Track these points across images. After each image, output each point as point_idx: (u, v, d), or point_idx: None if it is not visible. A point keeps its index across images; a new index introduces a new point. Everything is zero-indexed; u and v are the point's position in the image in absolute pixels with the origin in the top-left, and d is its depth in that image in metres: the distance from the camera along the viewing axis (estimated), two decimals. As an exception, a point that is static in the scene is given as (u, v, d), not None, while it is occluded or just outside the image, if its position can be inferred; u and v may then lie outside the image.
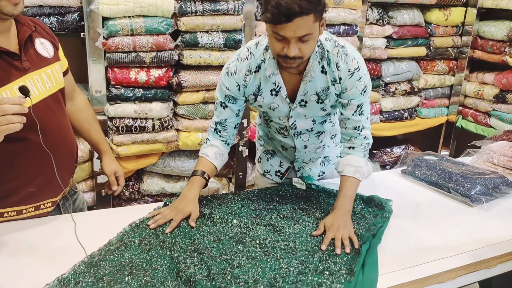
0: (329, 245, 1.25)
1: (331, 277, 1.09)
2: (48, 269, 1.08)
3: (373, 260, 1.19)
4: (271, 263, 1.14)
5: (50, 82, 1.32)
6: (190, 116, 2.56)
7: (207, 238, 1.25)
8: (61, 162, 1.35)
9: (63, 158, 1.37)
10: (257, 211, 1.44)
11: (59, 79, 1.37)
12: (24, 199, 1.32)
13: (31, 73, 1.26)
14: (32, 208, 1.34)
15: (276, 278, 1.08)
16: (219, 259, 1.15)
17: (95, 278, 1.04)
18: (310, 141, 1.59)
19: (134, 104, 2.41)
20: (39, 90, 1.28)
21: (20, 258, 1.14)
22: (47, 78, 1.31)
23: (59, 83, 1.37)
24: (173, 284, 1.04)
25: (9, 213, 1.31)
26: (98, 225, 1.36)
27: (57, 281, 1.02)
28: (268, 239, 1.27)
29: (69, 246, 1.20)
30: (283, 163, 1.73)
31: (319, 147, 1.64)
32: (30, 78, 1.26)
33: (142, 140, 2.48)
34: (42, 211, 1.36)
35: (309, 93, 1.42)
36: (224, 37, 2.48)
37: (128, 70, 2.35)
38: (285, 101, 1.45)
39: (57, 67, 1.38)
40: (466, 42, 3.42)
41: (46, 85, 1.31)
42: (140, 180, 2.69)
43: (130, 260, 1.12)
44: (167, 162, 2.68)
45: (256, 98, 1.47)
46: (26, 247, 1.18)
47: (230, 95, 1.46)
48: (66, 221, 1.34)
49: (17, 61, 1.24)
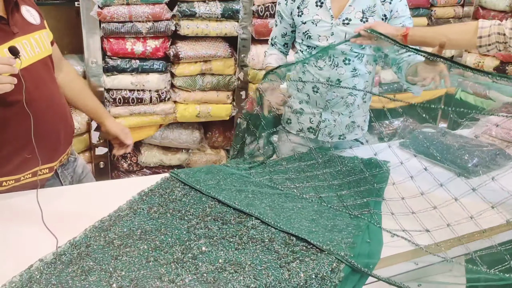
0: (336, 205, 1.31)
1: (340, 234, 1.15)
2: (58, 234, 1.10)
3: (378, 219, 1.25)
4: (283, 223, 1.18)
5: (38, 47, 1.32)
6: (188, 88, 2.54)
7: (218, 203, 1.29)
8: (54, 127, 1.35)
9: (55, 123, 1.36)
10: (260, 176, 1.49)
11: (47, 45, 1.37)
12: (21, 166, 1.32)
13: (19, 37, 1.25)
14: (29, 174, 1.34)
15: (289, 236, 1.13)
16: (234, 222, 1.19)
17: (105, 241, 1.07)
18: (345, 76, 1.64)
19: (130, 75, 2.38)
20: (29, 54, 1.27)
21: (31, 224, 1.17)
22: (35, 43, 1.31)
23: (47, 49, 1.36)
24: (181, 248, 1.06)
25: (8, 181, 1.32)
26: (100, 195, 1.37)
27: (69, 244, 1.05)
28: (276, 201, 1.31)
29: (75, 214, 1.22)
30: (312, 118, 1.75)
31: (350, 93, 1.67)
32: (19, 42, 1.25)
33: (139, 112, 2.47)
34: (40, 177, 1.36)
35: (355, 10, 1.55)
36: (222, 6, 2.43)
37: (124, 41, 2.31)
38: (328, 14, 1.57)
39: (44, 33, 1.37)
40: (468, 13, 3.37)
41: (35, 50, 1.30)
42: (138, 152, 2.70)
43: (139, 225, 1.15)
44: (165, 134, 2.67)
45: (301, 11, 1.62)
46: (34, 216, 1.20)
47: (279, 11, 1.69)
48: (68, 192, 1.35)
49: (4, 25, 1.23)
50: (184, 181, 1.38)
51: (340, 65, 1.63)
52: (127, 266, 0.99)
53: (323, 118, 1.72)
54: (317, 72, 1.66)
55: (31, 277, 0.93)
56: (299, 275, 0.98)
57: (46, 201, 1.29)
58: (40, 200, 1.29)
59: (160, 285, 0.94)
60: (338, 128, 1.74)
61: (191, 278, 0.96)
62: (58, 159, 1.42)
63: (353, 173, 1.52)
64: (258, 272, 0.99)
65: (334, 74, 1.64)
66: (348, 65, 1.62)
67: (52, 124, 1.34)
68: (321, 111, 1.71)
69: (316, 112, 1.73)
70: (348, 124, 1.75)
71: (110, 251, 1.03)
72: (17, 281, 0.92)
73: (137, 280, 0.94)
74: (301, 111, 1.76)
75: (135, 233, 1.12)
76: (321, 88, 1.68)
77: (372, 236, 1.18)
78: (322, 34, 1.60)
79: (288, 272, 0.99)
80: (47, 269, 0.96)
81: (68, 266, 0.97)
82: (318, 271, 1.00)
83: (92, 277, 0.94)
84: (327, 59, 1.63)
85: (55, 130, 1.34)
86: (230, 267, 1.00)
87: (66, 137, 1.46)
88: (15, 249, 1.07)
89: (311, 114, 1.74)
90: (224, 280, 0.96)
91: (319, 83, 1.66)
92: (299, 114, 1.77)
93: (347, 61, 1.61)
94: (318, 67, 1.65)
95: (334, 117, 1.72)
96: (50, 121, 1.33)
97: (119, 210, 1.23)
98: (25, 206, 1.25)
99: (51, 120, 1.34)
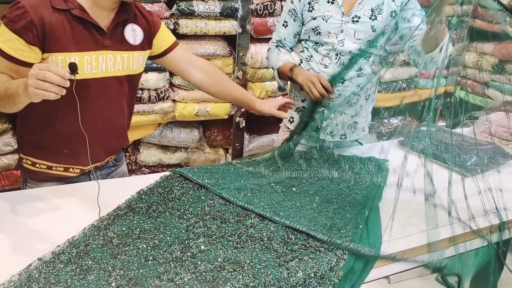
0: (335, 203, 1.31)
1: (339, 232, 1.15)
2: (59, 231, 1.10)
3: (376, 218, 1.26)
4: (281, 222, 1.19)
5: (121, 65, 1.36)
6: (187, 87, 2.54)
7: (217, 202, 1.29)
8: (100, 139, 1.40)
9: (102, 136, 1.40)
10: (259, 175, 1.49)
11: (132, 66, 1.40)
12: (57, 157, 1.39)
13: (108, 51, 1.31)
14: (61, 168, 1.41)
15: (288, 235, 1.14)
16: (232, 220, 1.19)
17: (104, 240, 1.07)
18: (349, 76, 1.63)
19: (129, 74, 2.38)
20: (107, 69, 1.32)
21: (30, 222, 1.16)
22: (120, 61, 1.35)
23: (129, 70, 1.40)
24: (180, 247, 1.06)
25: (41, 165, 1.39)
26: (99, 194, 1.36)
27: (68, 243, 1.05)
28: (274, 200, 1.32)
29: (74, 213, 1.23)
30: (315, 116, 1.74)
31: (354, 93, 1.67)
32: (104, 55, 1.31)
33: (138, 111, 2.46)
34: (70, 174, 1.43)
35: (364, 8, 1.57)
36: (221, 5, 2.43)
37: (123, 40, 2.30)
38: (339, 11, 1.59)
39: (136, 55, 1.40)
40: (466, 11, 3.36)
41: (116, 67, 1.35)
42: (137, 151, 2.69)
43: (138, 224, 1.15)
44: (164, 133, 2.67)
45: (312, 7, 1.62)
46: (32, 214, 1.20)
47: (293, 9, 1.67)
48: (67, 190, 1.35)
49: (100, 36, 1.28)
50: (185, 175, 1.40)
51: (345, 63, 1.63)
52: (126, 265, 0.99)
53: (325, 117, 1.72)
54: (322, 70, 1.66)
55: (30, 276, 0.93)
56: (298, 274, 0.98)
57: (45, 199, 1.29)
58: (39, 198, 1.29)
59: (159, 284, 0.93)
60: (340, 128, 1.74)
61: (190, 277, 0.96)
62: (93, 164, 1.45)
63: (353, 172, 1.52)
64: (257, 271, 0.99)
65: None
66: (354, 64, 1.62)
67: (98, 134, 1.37)
68: (324, 109, 1.71)
69: (318, 110, 1.72)
70: (351, 124, 1.75)
71: (109, 250, 1.03)
72: (16, 280, 0.92)
73: (136, 279, 0.94)
74: (303, 109, 1.76)
75: (134, 232, 1.12)
76: None
77: (370, 234, 1.18)
78: (332, 31, 1.61)
79: (287, 271, 0.99)
80: (46, 268, 0.96)
81: (67, 265, 0.97)
82: (317, 270, 1.00)
83: (91, 276, 0.94)
84: (334, 56, 1.63)
85: (97, 140, 1.36)
86: (229, 266, 1.00)
87: (109, 147, 1.49)
88: (14, 248, 1.07)
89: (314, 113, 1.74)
90: (223, 279, 0.96)
91: None
92: (302, 112, 1.76)
93: (353, 59, 1.61)
94: (324, 65, 1.65)
95: (337, 116, 1.72)
96: (96, 130, 1.35)
97: (118, 209, 1.23)
98: (26, 204, 1.25)
99: (97, 129, 1.36)
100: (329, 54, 1.63)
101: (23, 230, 1.13)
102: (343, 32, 1.60)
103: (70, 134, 1.34)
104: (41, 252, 1.01)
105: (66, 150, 1.37)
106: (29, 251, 1.03)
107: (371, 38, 1.60)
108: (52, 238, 1.07)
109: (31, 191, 1.36)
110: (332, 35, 1.61)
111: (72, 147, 1.37)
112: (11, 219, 1.18)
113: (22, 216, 1.19)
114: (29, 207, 1.24)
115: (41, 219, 1.18)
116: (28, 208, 1.23)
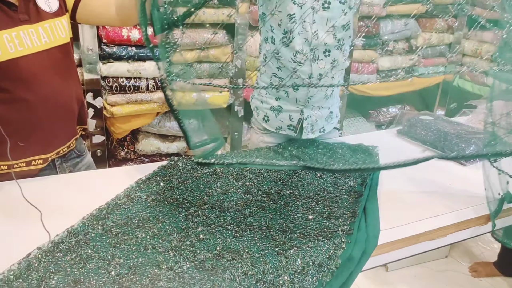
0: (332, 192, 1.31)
1: (337, 221, 1.16)
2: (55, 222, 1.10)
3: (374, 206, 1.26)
4: (280, 210, 1.20)
5: (46, 37, 1.30)
6: (185, 76, 2.53)
7: (216, 191, 1.29)
8: (50, 119, 1.34)
9: (52, 115, 1.35)
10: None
11: (58, 35, 1.34)
12: (14, 153, 1.29)
13: (26, 25, 1.25)
14: (23, 163, 1.34)
15: (287, 223, 1.14)
16: (231, 210, 1.20)
17: (104, 229, 1.07)
18: (325, 70, 1.54)
19: (127, 63, 2.36)
20: (33, 44, 1.26)
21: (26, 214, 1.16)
22: (43, 32, 1.29)
23: (57, 39, 1.34)
24: (179, 236, 1.07)
25: (1, 166, 1.32)
26: (97, 183, 1.37)
27: (67, 232, 1.05)
28: (272, 189, 1.32)
29: (72, 202, 1.22)
30: (292, 115, 1.66)
31: (331, 84, 1.59)
32: (25, 30, 1.24)
33: (136, 100, 2.45)
34: (33, 167, 1.36)
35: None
36: (219, -7, 2.41)
37: (120, 28, 2.28)
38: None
39: (57, 22, 1.34)
40: (465, 2, 3.34)
41: (42, 40, 1.29)
42: (136, 140, 2.69)
43: (137, 214, 1.15)
44: (162, 122, 2.66)
45: None
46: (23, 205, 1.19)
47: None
48: (65, 180, 1.35)
49: (13, 11, 1.22)
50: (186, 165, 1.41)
51: (320, 57, 1.52)
52: (125, 254, 0.99)
53: (305, 116, 1.63)
54: (296, 68, 1.54)
55: (30, 265, 0.93)
56: (296, 262, 0.99)
57: (42, 189, 1.29)
58: (37, 188, 1.29)
59: (158, 272, 0.94)
60: (319, 122, 1.67)
61: (189, 265, 0.96)
62: (54, 151, 1.41)
63: (344, 159, 1.52)
64: (255, 259, 0.99)
65: (316, 68, 1.53)
66: (328, 56, 1.53)
67: (48, 116, 1.33)
68: (302, 107, 1.62)
69: (296, 109, 1.64)
70: (327, 116, 1.69)
71: (108, 239, 1.04)
72: (15, 269, 0.92)
73: (136, 268, 0.95)
74: (279, 108, 1.66)
75: (133, 221, 1.12)
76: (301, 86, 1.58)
77: (369, 222, 1.18)
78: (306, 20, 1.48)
79: (286, 259, 0.99)
80: (45, 257, 0.96)
81: (66, 254, 0.98)
82: (315, 258, 1.00)
83: (90, 265, 0.95)
84: (309, 52, 1.51)
85: (50, 122, 1.33)
86: (228, 255, 1.01)
87: (66, 130, 1.44)
88: (12, 238, 1.07)
89: (290, 112, 1.65)
90: (222, 267, 0.97)
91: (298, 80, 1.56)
92: (277, 111, 1.67)
93: (327, 52, 1.52)
94: (298, 62, 1.53)
95: (315, 112, 1.64)
96: (46, 112, 1.32)
97: (117, 198, 1.23)
98: (20, 194, 1.25)
99: (47, 112, 1.32)
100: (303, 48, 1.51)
101: (20, 220, 1.13)
102: (316, 22, 1.47)
103: (19, 123, 1.27)
104: (39, 241, 1.01)
105: (21, 142, 1.29)
106: (27, 240, 1.03)
107: (344, 23, 1.49)
108: (51, 228, 1.07)
109: (29, 180, 1.34)
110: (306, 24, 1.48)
111: (26, 137, 1.30)
112: (11, 207, 1.18)
113: (19, 206, 1.19)
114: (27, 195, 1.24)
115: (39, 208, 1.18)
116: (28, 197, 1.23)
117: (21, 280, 0.89)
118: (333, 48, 1.53)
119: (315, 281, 0.95)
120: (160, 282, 0.92)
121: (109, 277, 0.92)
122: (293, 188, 1.33)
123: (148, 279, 0.92)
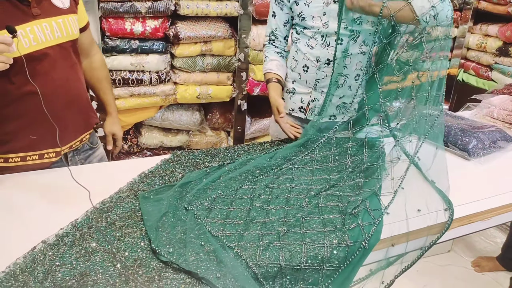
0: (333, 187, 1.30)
1: (340, 216, 1.15)
2: (60, 215, 1.11)
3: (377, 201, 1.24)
4: (282, 205, 1.20)
5: (59, 32, 1.31)
6: (188, 69, 2.52)
7: (219, 184, 1.29)
8: (63, 113, 1.35)
9: (64, 109, 1.37)
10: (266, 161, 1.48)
11: (71, 30, 1.36)
12: (28, 146, 1.33)
13: (39, 20, 1.26)
14: (36, 156, 1.36)
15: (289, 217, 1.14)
16: (235, 204, 1.20)
17: (107, 223, 1.08)
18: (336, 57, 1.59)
19: (130, 56, 2.36)
20: (47, 38, 1.27)
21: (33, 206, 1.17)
22: (57, 27, 1.30)
23: (70, 35, 1.36)
24: (183, 229, 1.07)
25: (14, 158, 1.34)
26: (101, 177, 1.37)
27: (71, 226, 1.06)
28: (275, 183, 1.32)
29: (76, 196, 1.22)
30: (304, 97, 1.75)
31: (340, 73, 1.64)
32: (38, 25, 1.25)
33: (139, 94, 2.45)
34: (46, 160, 1.38)
35: None
36: (222, -14, 2.40)
37: (123, 21, 2.28)
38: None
39: (70, 18, 1.36)
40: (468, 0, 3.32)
41: (55, 34, 1.30)
42: (139, 134, 2.70)
43: (140, 207, 1.16)
44: (165, 116, 2.67)
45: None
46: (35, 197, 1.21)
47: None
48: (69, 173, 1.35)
49: (26, 6, 1.23)
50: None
51: (331, 44, 1.61)
52: (130, 247, 1.00)
53: (313, 98, 1.72)
54: (308, 51, 1.66)
55: (35, 259, 0.94)
56: (299, 256, 0.99)
57: (47, 182, 1.29)
58: (42, 181, 1.30)
59: (163, 264, 0.95)
60: (328, 108, 1.70)
61: (194, 258, 0.97)
62: (66, 145, 1.42)
63: (349, 155, 1.50)
64: (255, 256, 1.00)
65: (325, 53, 1.63)
66: (340, 45, 1.59)
67: (61, 109, 1.34)
68: (311, 90, 1.71)
69: (306, 91, 1.73)
70: (339, 105, 1.73)
71: (113, 232, 1.05)
72: (21, 262, 0.93)
73: (141, 260, 0.95)
74: (293, 90, 1.76)
75: (136, 214, 1.13)
76: (310, 67, 1.67)
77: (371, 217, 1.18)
78: (315, 14, 1.59)
79: (289, 253, 1.00)
80: (50, 251, 0.97)
81: (71, 248, 0.98)
82: (318, 252, 1.01)
83: (96, 258, 0.95)
84: (320, 38, 1.62)
85: (63, 115, 1.34)
86: (231, 252, 1.01)
87: (77, 124, 1.46)
88: (18, 230, 1.08)
89: (302, 94, 1.74)
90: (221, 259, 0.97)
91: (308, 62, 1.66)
92: (291, 93, 1.77)
93: (339, 41, 1.58)
94: (310, 46, 1.65)
95: (324, 96, 1.68)
96: (59, 106, 1.33)
97: (120, 191, 1.23)
98: (27, 187, 1.26)
99: (60, 105, 1.34)
100: (315, 35, 1.63)
101: (24, 214, 1.14)
102: (326, 15, 1.58)
103: (32, 117, 1.29)
104: (44, 235, 1.02)
105: (34, 135, 1.32)
106: (32, 233, 1.03)
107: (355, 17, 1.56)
108: (55, 221, 1.08)
109: (30, 174, 1.34)
110: (316, 19, 1.60)
111: (39, 130, 1.32)
112: (15, 201, 1.19)
113: (24, 199, 1.20)
114: (30, 190, 1.24)
115: (42, 203, 1.18)
116: (30, 191, 1.24)
117: (27, 274, 0.90)
118: (346, 37, 1.58)
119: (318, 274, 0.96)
120: (166, 274, 0.93)
121: (115, 270, 0.92)
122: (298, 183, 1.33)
123: (154, 271, 0.93)
